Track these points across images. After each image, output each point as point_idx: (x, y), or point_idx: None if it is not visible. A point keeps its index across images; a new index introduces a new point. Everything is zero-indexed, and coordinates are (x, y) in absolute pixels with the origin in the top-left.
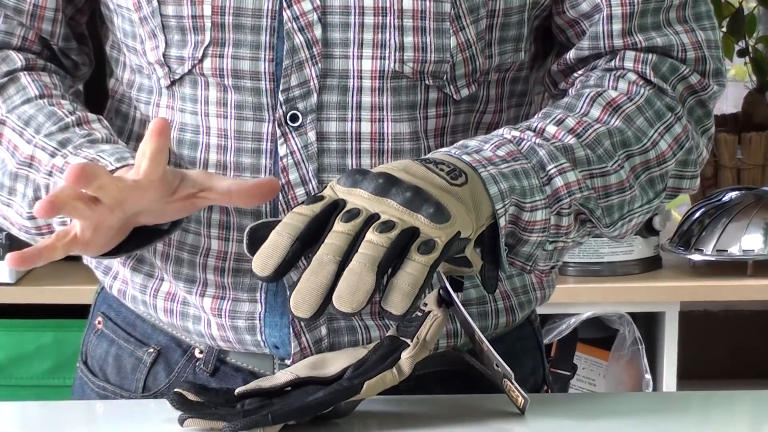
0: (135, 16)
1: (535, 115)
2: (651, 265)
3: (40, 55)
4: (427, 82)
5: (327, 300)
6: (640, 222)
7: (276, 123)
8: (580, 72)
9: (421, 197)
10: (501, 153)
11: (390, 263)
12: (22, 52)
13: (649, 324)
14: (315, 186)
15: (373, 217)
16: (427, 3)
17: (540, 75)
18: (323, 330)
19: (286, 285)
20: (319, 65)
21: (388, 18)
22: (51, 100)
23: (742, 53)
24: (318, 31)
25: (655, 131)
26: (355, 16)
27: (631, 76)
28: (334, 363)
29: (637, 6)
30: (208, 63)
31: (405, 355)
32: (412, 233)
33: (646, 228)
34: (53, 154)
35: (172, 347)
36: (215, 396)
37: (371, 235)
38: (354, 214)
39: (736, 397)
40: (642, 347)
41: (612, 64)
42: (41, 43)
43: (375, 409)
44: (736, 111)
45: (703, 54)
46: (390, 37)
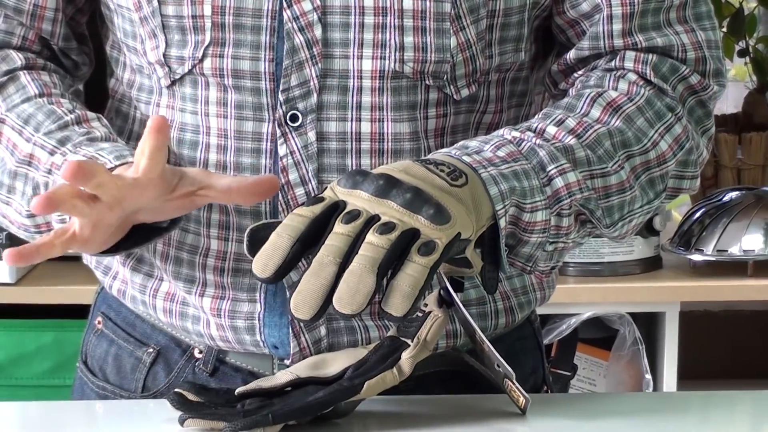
0: (135, 16)
1: (536, 116)
2: (651, 266)
3: (40, 55)
4: (427, 82)
5: (327, 301)
6: (640, 222)
7: (276, 123)
8: (580, 72)
9: (422, 198)
10: (501, 154)
11: (390, 265)
12: (22, 52)
13: (649, 324)
14: (315, 186)
15: (373, 219)
16: (428, 3)
17: (540, 75)
18: (322, 330)
19: (285, 285)
20: (319, 65)
21: (389, 18)
22: (50, 99)
23: (743, 53)
24: (318, 31)
25: (656, 132)
26: (355, 16)
27: (632, 77)
28: (335, 363)
29: (637, 6)
30: (208, 63)
31: (405, 355)
32: (413, 234)
33: (647, 228)
34: (52, 152)
35: (172, 347)
36: (215, 396)
37: (371, 236)
38: (354, 215)
39: (737, 397)
40: (642, 347)
41: (612, 64)
42: (41, 43)
43: (375, 409)
44: (736, 111)
45: (704, 54)
46: (390, 37)
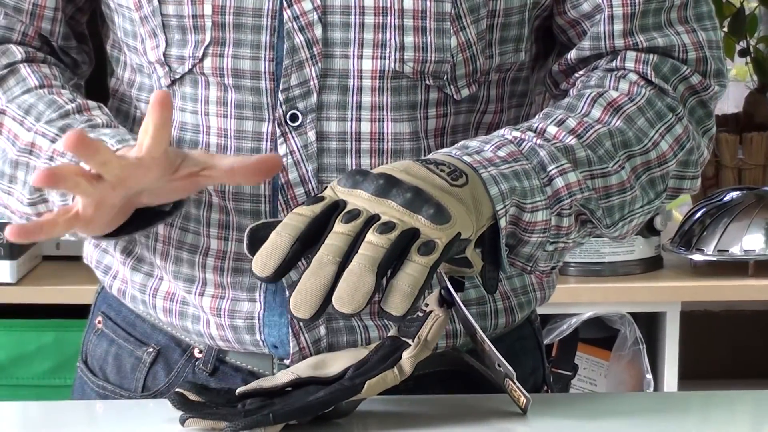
0: (135, 16)
1: (536, 116)
2: (652, 265)
3: (40, 50)
4: (427, 82)
5: (327, 301)
6: (640, 222)
7: (276, 122)
8: (581, 72)
9: (422, 198)
10: (502, 154)
11: (390, 264)
12: (23, 46)
13: (650, 324)
14: (314, 186)
15: (373, 218)
16: (428, 3)
17: (541, 75)
18: (322, 330)
19: (285, 285)
20: (319, 65)
21: (389, 18)
22: (51, 90)
23: (744, 53)
24: (318, 31)
25: (656, 132)
26: (355, 15)
27: (632, 77)
28: (335, 363)
29: (638, 6)
30: (208, 62)
31: (406, 354)
32: (413, 234)
33: (647, 228)
34: (54, 140)
35: (172, 347)
36: (216, 396)
37: (371, 236)
38: (354, 214)
39: (737, 397)
40: (643, 347)
41: (613, 64)
42: (41, 40)
43: (375, 409)
44: (737, 111)
45: (705, 54)
46: (390, 37)
